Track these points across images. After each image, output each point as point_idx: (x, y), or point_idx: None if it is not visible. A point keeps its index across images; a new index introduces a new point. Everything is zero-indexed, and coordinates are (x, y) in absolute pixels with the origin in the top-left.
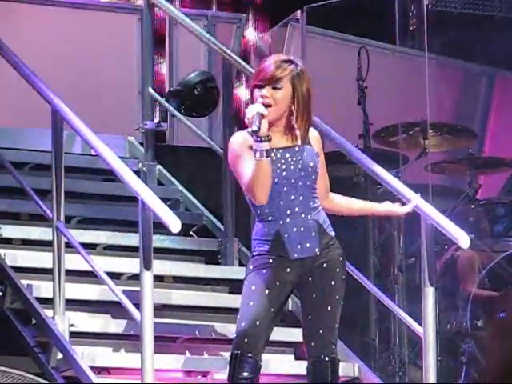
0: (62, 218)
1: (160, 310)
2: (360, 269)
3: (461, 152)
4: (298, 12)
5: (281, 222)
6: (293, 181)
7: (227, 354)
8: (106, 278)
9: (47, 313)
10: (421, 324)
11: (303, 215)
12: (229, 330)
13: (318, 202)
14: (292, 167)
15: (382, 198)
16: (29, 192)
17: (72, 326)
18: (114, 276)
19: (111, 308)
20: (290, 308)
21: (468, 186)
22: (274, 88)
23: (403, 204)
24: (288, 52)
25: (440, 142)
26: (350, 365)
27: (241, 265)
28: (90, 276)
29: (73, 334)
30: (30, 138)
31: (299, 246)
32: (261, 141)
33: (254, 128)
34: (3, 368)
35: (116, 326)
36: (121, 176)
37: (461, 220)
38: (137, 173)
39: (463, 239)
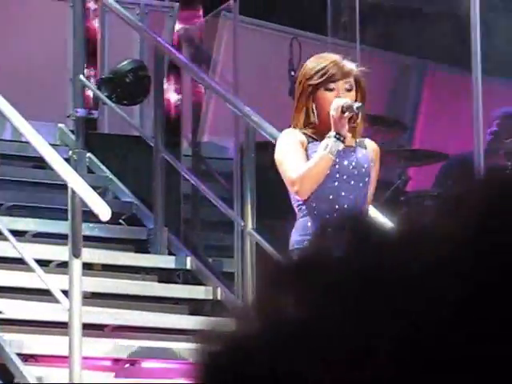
0: None
1: (89, 297)
2: None
3: (391, 144)
4: (231, 2)
5: (327, 217)
6: (345, 177)
7: (155, 343)
8: (35, 265)
9: None
10: None
11: None
12: (157, 318)
13: (368, 208)
14: (345, 163)
15: None
16: None
17: (0, 313)
18: (43, 263)
19: (40, 295)
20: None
21: (398, 178)
22: (348, 90)
23: None
24: (220, 42)
25: (371, 133)
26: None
27: (170, 254)
28: (18, 263)
29: (1, 322)
30: None
31: None
32: (338, 139)
33: (358, 104)
34: None
35: (44, 313)
36: (51, 163)
37: (390, 212)
38: (67, 160)
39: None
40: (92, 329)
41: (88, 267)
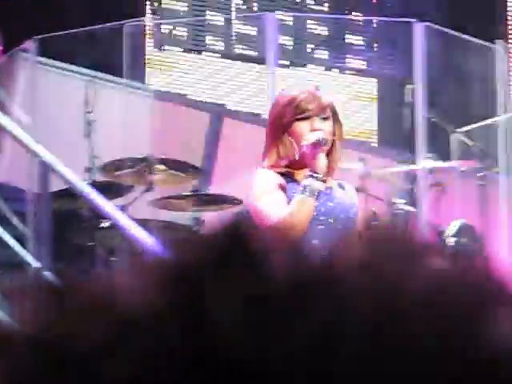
0: None
1: None
2: None
3: (187, 188)
4: (29, 42)
5: None
6: (331, 220)
7: None
8: None
9: None
10: None
11: None
12: None
13: None
14: (329, 204)
15: (106, 232)
16: None
17: None
18: None
19: None
20: None
21: (194, 222)
22: (324, 119)
23: None
24: (17, 83)
25: (166, 177)
26: None
27: None
28: None
29: None
30: None
31: None
32: (316, 178)
33: (321, 137)
34: None
35: None
36: None
37: None
38: None
39: None
40: None
41: None
